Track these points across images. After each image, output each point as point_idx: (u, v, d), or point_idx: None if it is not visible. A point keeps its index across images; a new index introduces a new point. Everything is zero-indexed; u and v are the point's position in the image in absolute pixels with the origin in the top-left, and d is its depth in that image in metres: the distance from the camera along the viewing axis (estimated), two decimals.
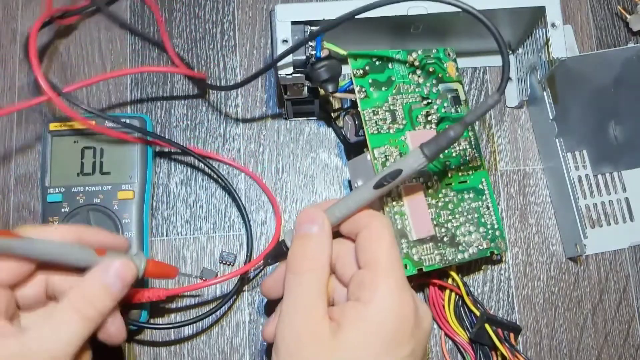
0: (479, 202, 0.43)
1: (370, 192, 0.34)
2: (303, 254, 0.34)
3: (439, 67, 0.44)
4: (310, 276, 0.33)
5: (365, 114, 0.41)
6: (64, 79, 0.50)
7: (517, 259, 0.48)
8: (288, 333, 0.32)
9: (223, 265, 0.46)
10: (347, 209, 0.35)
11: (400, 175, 0.34)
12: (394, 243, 0.34)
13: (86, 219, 0.44)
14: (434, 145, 0.33)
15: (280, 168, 0.49)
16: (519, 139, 0.50)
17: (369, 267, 0.33)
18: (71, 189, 0.44)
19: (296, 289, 0.33)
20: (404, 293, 0.33)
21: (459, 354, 0.45)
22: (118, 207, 0.44)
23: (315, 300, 0.32)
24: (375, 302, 0.32)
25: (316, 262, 0.33)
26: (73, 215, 0.44)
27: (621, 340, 0.46)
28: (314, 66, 0.40)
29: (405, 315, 0.32)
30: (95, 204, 0.44)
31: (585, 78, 0.48)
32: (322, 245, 0.34)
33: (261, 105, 0.50)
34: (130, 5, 0.52)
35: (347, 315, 0.32)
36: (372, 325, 0.31)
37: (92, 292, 0.33)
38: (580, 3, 0.53)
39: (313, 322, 0.32)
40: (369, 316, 0.31)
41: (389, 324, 0.31)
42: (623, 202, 0.49)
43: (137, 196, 0.45)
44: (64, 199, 0.44)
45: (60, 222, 0.44)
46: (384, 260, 0.33)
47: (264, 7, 0.52)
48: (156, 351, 0.45)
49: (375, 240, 0.34)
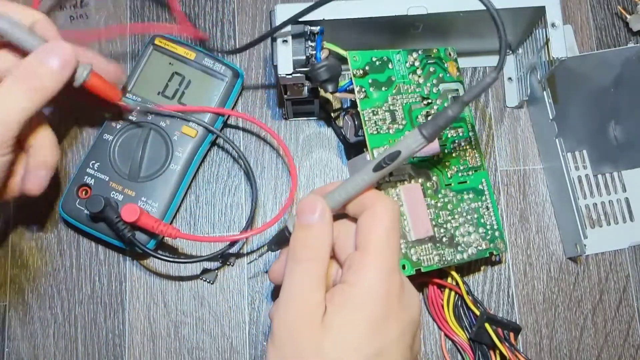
0: (479, 202, 0.43)
1: (369, 175, 0.34)
2: (304, 243, 0.34)
3: (439, 67, 0.44)
4: (310, 265, 0.33)
5: (364, 114, 0.41)
6: None
7: (517, 259, 0.48)
8: (283, 321, 0.32)
9: (223, 267, 0.46)
10: (347, 193, 0.34)
11: (399, 156, 0.33)
12: (393, 227, 0.33)
13: (146, 135, 0.46)
14: (432, 125, 0.33)
15: (280, 168, 0.49)
16: (519, 139, 0.50)
17: (361, 249, 0.33)
18: (146, 102, 0.46)
19: (295, 278, 0.33)
20: (391, 276, 0.32)
21: (458, 354, 0.45)
22: (178, 138, 0.46)
23: (313, 288, 0.32)
24: (360, 285, 0.32)
25: (316, 251, 0.33)
26: (136, 127, 0.46)
27: (621, 340, 0.46)
28: (314, 66, 0.40)
29: (390, 298, 0.32)
30: (160, 126, 0.46)
31: (585, 78, 0.48)
32: (323, 235, 0.34)
33: (261, 105, 0.50)
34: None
35: (334, 299, 0.32)
36: (356, 308, 0.31)
37: (35, 66, 0.36)
38: (580, 3, 0.53)
39: (308, 310, 0.32)
40: (353, 299, 0.32)
41: (372, 307, 0.31)
42: (623, 202, 0.49)
43: (198, 137, 0.46)
44: None
45: (123, 129, 0.46)
46: (376, 242, 0.33)
47: (264, 7, 0.52)
48: (156, 351, 0.45)
49: (373, 222, 0.33)
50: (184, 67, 0.47)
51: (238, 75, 0.47)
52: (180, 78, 0.47)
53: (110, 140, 0.45)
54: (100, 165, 0.45)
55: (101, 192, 0.44)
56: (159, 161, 0.45)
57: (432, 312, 0.45)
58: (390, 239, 0.33)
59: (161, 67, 0.47)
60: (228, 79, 0.47)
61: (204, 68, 0.47)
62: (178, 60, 0.47)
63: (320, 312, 0.32)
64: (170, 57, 0.47)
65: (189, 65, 0.47)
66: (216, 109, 0.46)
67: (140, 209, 0.41)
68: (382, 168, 0.34)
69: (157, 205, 0.44)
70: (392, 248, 0.33)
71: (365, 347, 0.31)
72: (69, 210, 0.44)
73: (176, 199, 0.45)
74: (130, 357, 0.45)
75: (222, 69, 0.47)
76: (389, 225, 0.33)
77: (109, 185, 0.45)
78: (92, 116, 0.48)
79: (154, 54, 0.47)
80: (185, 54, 0.47)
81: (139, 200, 0.44)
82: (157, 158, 0.45)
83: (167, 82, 0.47)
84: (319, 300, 0.32)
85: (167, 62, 0.47)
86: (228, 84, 0.47)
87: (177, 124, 0.46)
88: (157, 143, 0.46)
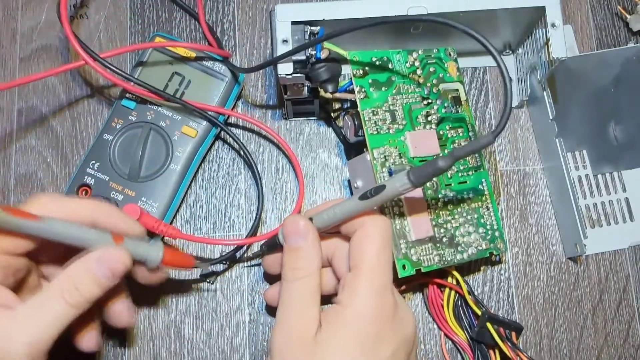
0: (479, 202, 0.43)
1: (355, 203, 0.35)
2: (294, 265, 0.35)
3: (439, 67, 0.44)
4: (300, 284, 0.35)
5: (364, 114, 0.41)
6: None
7: (517, 259, 0.48)
8: (278, 337, 0.34)
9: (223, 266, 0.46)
10: (335, 216, 0.36)
11: (384, 192, 0.34)
12: (384, 246, 0.35)
13: (146, 135, 0.45)
14: (420, 171, 0.34)
15: (280, 168, 0.49)
16: (519, 139, 0.50)
17: (354, 270, 0.34)
18: (146, 103, 0.46)
19: (288, 297, 0.35)
20: (384, 297, 0.34)
21: (458, 354, 0.45)
22: (178, 138, 0.46)
23: (306, 306, 0.34)
24: (353, 307, 0.33)
25: (305, 270, 0.35)
26: (136, 127, 0.46)
27: (621, 340, 0.46)
28: (314, 66, 0.40)
29: (383, 318, 0.33)
30: (160, 126, 0.46)
31: (585, 78, 0.48)
32: (310, 254, 0.35)
33: (261, 105, 0.50)
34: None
35: (328, 318, 0.34)
36: (349, 328, 0.33)
37: (79, 279, 0.33)
38: (580, 3, 0.53)
39: (301, 327, 0.33)
40: (346, 319, 0.33)
41: (363, 327, 0.33)
42: (623, 202, 0.49)
43: (198, 138, 0.46)
44: (136, 108, 0.46)
45: (124, 128, 0.45)
46: (368, 263, 0.34)
47: (264, 7, 0.52)
48: (156, 351, 0.45)
49: (364, 242, 0.35)
50: (184, 67, 0.47)
51: (238, 76, 0.47)
52: (180, 78, 0.47)
53: (110, 140, 0.45)
54: (100, 165, 0.45)
55: (101, 192, 0.44)
56: (159, 161, 0.45)
57: (432, 312, 0.45)
58: (381, 258, 0.34)
59: (161, 66, 0.47)
60: (228, 79, 0.47)
61: (203, 68, 0.47)
62: (178, 60, 0.47)
63: (313, 327, 0.33)
64: (170, 56, 0.47)
65: (189, 65, 0.47)
66: (220, 109, 0.46)
67: (140, 209, 0.41)
68: (367, 198, 0.35)
69: (157, 205, 0.44)
70: (383, 268, 0.34)
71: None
72: None
73: (176, 199, 0.45)
74: (130, 357, 0.45)
75: (222, 69, 0.47)
76: (380, 246, 0.34)
77: (109, 185, 0.45)
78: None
79: (154, 54, 0.47)
80: (185, 54, 0.47)
81: (139, 201, 0.44)
82: (157, 158, 0.45)
83: (167, 82, 0.46)
84: (313, 316, 0.34)
85: (168, 62, 0.47)
86: (228, 84, 0.47)
87: (177, 124, 0.46)
88: (157, 143, 0.46)
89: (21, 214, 0.32)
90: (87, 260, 0.34)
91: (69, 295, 0.33)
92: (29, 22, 0.51)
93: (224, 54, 0.47)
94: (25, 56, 0.50)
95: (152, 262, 0.37)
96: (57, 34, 0.51)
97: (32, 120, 0.49)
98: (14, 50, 0.50)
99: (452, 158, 0.33)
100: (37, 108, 0.49)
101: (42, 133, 0.49)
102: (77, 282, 0.33)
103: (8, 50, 0.50)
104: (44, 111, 0.49)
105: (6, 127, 0.49)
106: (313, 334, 0.33)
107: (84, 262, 0.34)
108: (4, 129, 0.49)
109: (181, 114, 0.46)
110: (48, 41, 0.51)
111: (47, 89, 0.50)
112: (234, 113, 0.48)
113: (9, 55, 0.50)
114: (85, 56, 0.43)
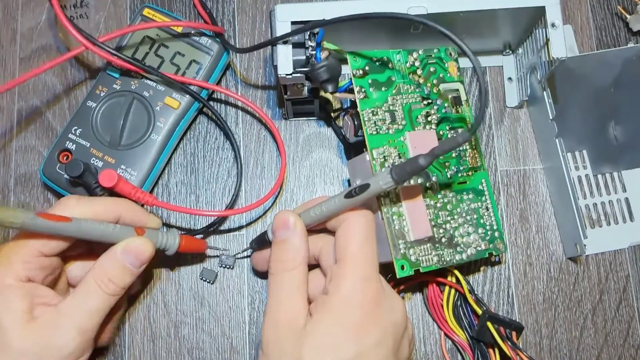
0: (479, 203, 0.43)
1: (341, 200, 0.36)
2: (281, 257, 0.37)
3: (440, 67, 0.44)
4: (288, 276, 0.36)
5: (364, 114, 0.41)
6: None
7: (517, 259, 0.48)
8: (270, 329, 0.35)
9: (223, 269, 0.46)
10: (321, 213, 0.37)
11: (368, 190, 0.35)
12: (367, 238, 0.36)
13: (129, 104, 0.46)
14: (401, 169, 0.34)
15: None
16: (519, 139, 0.50)
17: (339, 262, 0.36)
18: (130, 72, 0.46)
19: (276, 289, 0.36)
20: (369, 284, 0.35)
21: (458, 354, 0.45)
22: (160, 109, 0.46)
23: (293, 297, 0.35)
24: (338, 294, 0.34)
25: (292, 262, 0.36)
26: (119, 96, 0.46)
27: (621, 340, 0.46)
28: (314, 66, 0.40)
29: (368, 304, 0.34)
30: (143, 95, 0.46)
31: (585, 78, 0.48)
32: (296, 246, 0.37)
33: (261, 105, 0.50)
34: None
35: (317, 308, 0.35)
36: (335, 315, 0.34)
37: (111, 270, 0.37)
38: (580, 3, 0.53)
39: (289, 316, 0.35)
40: (332, 306, 0.34)
41: (350, 314, 0.34)
42: (623, 202, 0.49)
43: (180, 110, 0.46)
44: (121, 77, 0.46)
45: (107, 96, 0.46)
46: (352, 254, 0.35)
47: (264, 7, 0.52)
48: (156, 351, 0.45)
49: (347, 236, 0.36)
50: (171, 40, 0.47)
51: (224, 50, 0.47)
52: (166, 49, 0.47)
53: (93, 107, 0.46)
54: (82, 132, 0.45)
55: (81, 158, 0.44)
56: (140, 130, 0.46)
57: (432, 312, 0.45)
58: (365, 249, 0.36)
59: (147, 37, 0.47)
60: (214, 52, 0.47)
61: (190, 41, 0.47)
62: (164, 32, 0.47)
63: (302, 317, 0.35)
64: (156, 28, 0.47)
65: (175, 37, 0.47)
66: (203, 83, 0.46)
67: (118, 175, 0.41)
68: (352, 196, 0.36)
69: (136, 174, 0.45)
70: (367, 258, 0.36)
71: (344, 352, 0.33)
72: (50, 174, 0.45)
73: (155, 169, 0.46)
74: (130, 357, 0.45)
75: (209, 42, 0.47)
76: (362, 237, 0.36)
77: (90, 152, 0.45)
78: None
79: (141, 24, 0.47)
80: (172, 26, 0.47)
81: (119, 168, 0.45)
82: (139, 127, 0.46)
83: (154, 53, 0.47)
84: (300, 306, 0.35)
85: (155, 33, 0.47)
86: (214, 58, 0.47)
87: (160, 95, 0.46)
88: (139, 112, 0.46)
89: (54, 217, 0.35)
90: (115, 252, 0.38)
91: (105, 286, 0.37)
92: (29, 22, 0.51)
93: (218, 30, 0.47)
94: (25, 56, 0.50)
95: (171, 248, 0.41)
96: (57, 34, 0.51)
97: (32, 120, 0.49)
98: (14, 50, 0.50)
99: (432, 156, 0.34)
100: (37, 108, 0.49)
101: (42, 133, 0.49)
102: (110, 273, 0.37)
103: (8, 50, 0.50)
104: (44, 111, 0.49)
105: (6, 127, 0.49)
106: (302, 324, 0.34)
107: (113, 255, 0.38)
108: (4, 129, 0.49)
109: (164, 85, 0.46)
110: (48, 41, 0.51)
111: (47, 88, 0.50)
112: (217, 87, 0.48)
113: (9, 55, 0.50)
114: (65, 22, 0.42)
